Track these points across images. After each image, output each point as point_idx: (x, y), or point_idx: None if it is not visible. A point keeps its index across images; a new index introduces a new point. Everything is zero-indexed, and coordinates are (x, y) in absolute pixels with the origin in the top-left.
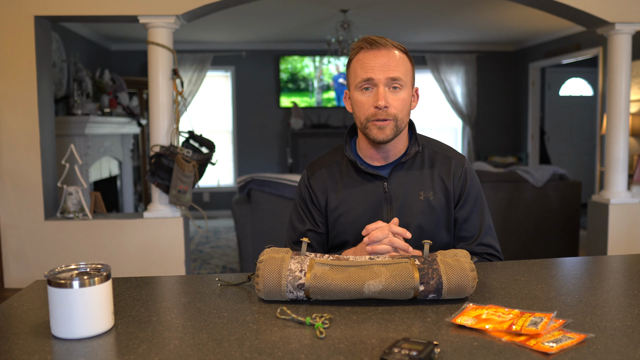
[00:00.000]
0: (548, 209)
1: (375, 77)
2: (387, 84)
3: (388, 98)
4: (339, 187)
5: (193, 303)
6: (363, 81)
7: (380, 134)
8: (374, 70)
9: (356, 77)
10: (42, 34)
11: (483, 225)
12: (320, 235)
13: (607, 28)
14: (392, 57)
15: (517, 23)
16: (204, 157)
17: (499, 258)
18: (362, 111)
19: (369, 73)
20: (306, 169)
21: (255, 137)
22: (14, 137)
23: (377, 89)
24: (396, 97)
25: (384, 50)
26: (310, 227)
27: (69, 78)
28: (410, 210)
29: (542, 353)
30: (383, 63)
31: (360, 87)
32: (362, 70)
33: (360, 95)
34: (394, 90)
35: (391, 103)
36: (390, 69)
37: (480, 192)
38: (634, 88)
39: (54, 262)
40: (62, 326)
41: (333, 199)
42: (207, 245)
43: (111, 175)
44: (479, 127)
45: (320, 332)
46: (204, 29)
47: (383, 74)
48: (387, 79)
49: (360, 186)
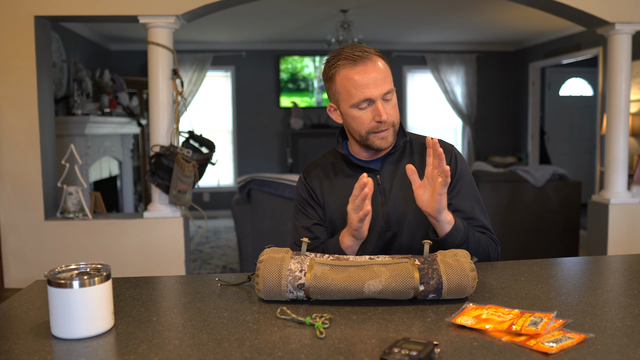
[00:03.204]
0: (548, 209)
1: (373, 96)
2: (382, 97)
3: (386, 109)
4: (334, 183)
5: (193, 303)
6: (361, 101)
7: (384, 143)
8: (370, 89)
9: (351, 96)
10: (42, 34)
11: (476, 208)
12: (326, 229)
13: (607, 28)
14: (379, 70)
15: (517, 23)
16: (204, 157)
17: (494, 241)
18: (362, 126)
19: (366, 93)
20: (302, 171)
21: (255, 137)
22: (14, 137)
23: (375, 104)
24: (390, 105)
25: (370, 63)
26: (316, 221)
27: (69, 78)
28: (404, 200)
29: (542, 353)
30: (374, 78)
31: (357, 106)
32: (356, 90)
33: (357, 112)
34: (388, 101)
35: (389, 113)
36: (382, 84)
37: (470, 177)
38: (634, 88)
39: (54, 262)
40: (62, 326)
41: (329, 194)
42: (207, 245)
43: (111, 175)
44: (479, 127)
45: (320, 332)
46: (204, 29)
47: (378, 91)
48: (382, 94)
49: (354, 180)
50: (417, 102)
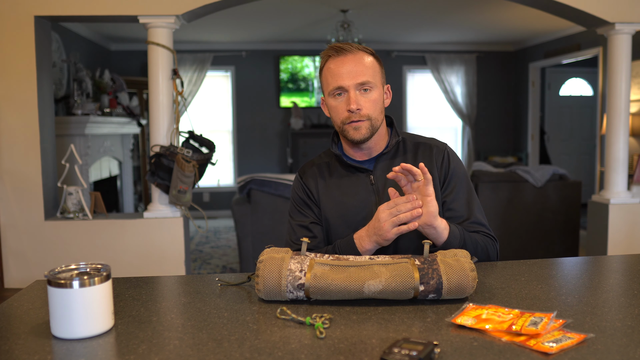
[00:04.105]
0: (548, 209)
1: (345, 85)
2: (356, 88)
3: (360, 100)
4: (328, 183)
5: (193, 303)
6: (334, 89)
7: (357, 134)
8: (343, 78)
9: (328, 85)
10: (42, 34)
11: (471, 205)
12: (322, 227)
13: (607, 28)
14: (359, 62)
15: (517, 23)
16: (204, 157)
17: (492, 237)
18: (337, 115)
19: (339, 81)
20: (298, 170)
21: (255, 137)
22: (14, 137)
23: (348, 94)
24: (367, 98)
25: (350, 55)
26: (313, 219)
27: (69, 78)
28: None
29: (542, 353)
30: (350, 69)
31: (333, 94)
32: (332, 78)
33: (333, 101)
34: (365, 93)
35: (363, 104)
36: (358, 75)
37: (465, 174)
38: (634, 88)
39: (54, 262)
40: (62, 326)
41: (324, 193)
42: (207, 245)
43: (111, 175)
44: (479, 127)
45: (320, 332)
46: (204, 29)
47: (351, 80)
48: (356, 85)
49: (348, 181)
50: (417, 102)
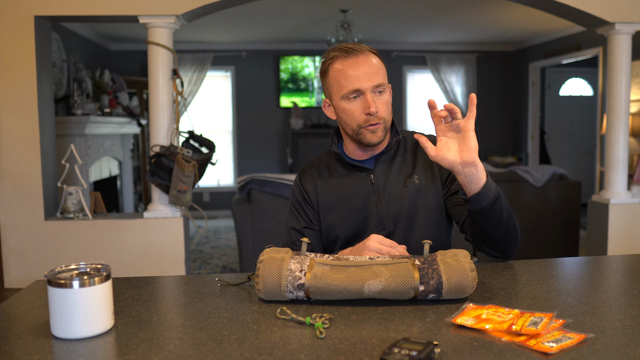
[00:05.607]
0: (548, 209)
1: (362, 87)
2: (372, 90)
3: (377, 103)
4: (328, 183)
5: (193, 303)
6: (351, 92)
7: (374, 137)
8: (360, 80)
9: (341, 87)
10: (42, 34)
11: None
12: (316, 232)
13: (607, 28)
14: (371, 64)
15: (517, 23)
16: (204, 157)
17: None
18: (352, 119)
19: (356, 84)
20: (298, 172)
21: (255, 137)
22: (14, 137)
23: (365, 96)
24: (381, 100)
25: (362, 57)
26: (306, 224)
27: (69, 78)
28: (398, 200)
29: (542, 353)
30: (366, 71)
31: (347, 97)
32: (346, 81)
33: (347, 104)
34: (379, 95)
35: (379, 107)
36: (373, 77)
37: None
38: (634, 88)
39: (54, 262)
40: (62, 326)
41: (323, 195)
42: (207, 245)
43: (111, 175)
44: (479, 127)
45: (320, 332)
46: (204, 29)
47: (368, 83)
48: (373, 87)
49: (348, 180)
50: (417, 102)
